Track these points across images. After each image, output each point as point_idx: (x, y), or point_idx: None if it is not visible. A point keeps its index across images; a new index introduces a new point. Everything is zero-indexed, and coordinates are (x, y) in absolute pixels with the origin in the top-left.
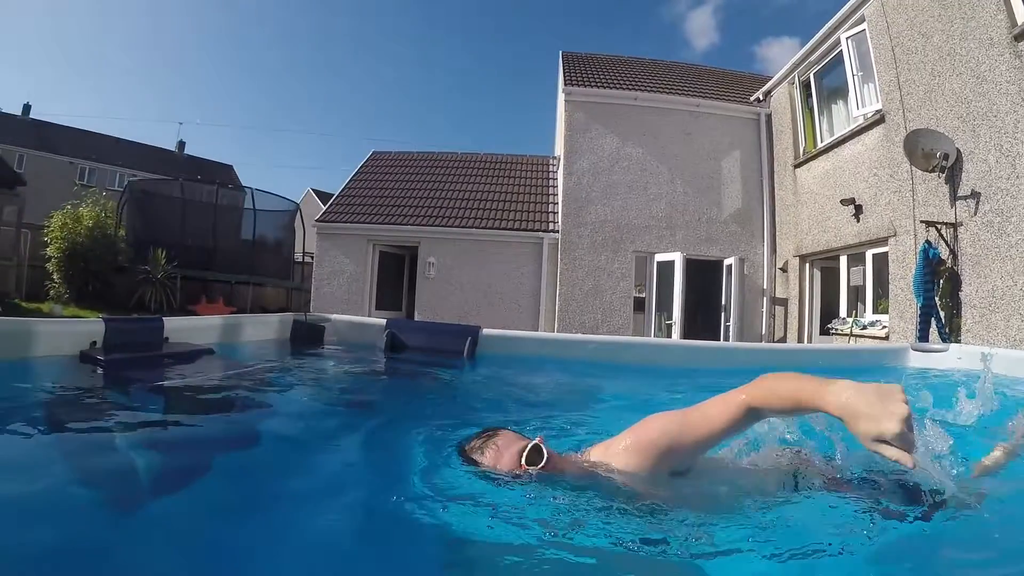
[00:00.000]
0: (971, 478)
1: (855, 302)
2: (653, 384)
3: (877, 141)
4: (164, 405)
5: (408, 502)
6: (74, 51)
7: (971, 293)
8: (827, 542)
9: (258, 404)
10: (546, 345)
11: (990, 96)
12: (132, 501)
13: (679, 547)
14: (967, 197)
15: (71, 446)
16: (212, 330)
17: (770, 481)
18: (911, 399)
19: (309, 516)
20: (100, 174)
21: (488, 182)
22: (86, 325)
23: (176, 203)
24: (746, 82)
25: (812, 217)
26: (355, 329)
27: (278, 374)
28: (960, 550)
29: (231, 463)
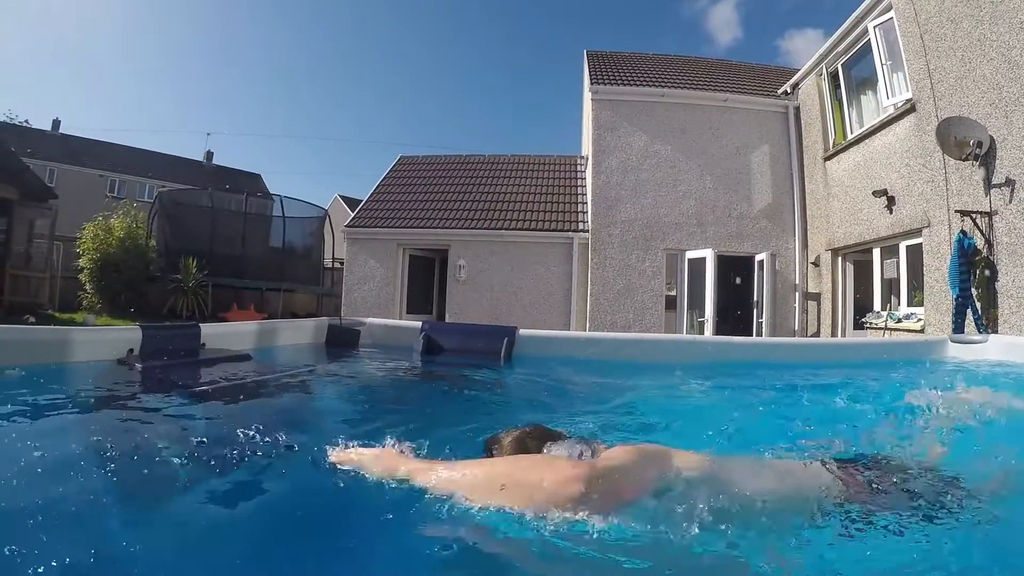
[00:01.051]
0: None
1: (889, 295)
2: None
3: (908, 131)
4: (201, 410)
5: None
6: (101, 65)
7: (1007, 283)
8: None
9: (298, 407)
10: (591, 345)
11: (1023, 81)
12: (170, 507)
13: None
14: (1002, 185)
15: (105, 452)
16: (248, 335)
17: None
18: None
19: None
20: (130, 186)
21: (516, 183)
22: (123, 333)
23: (205, 212)
24: (773, 75)
25: (844, 210)
26: (390, 332)
27: (316, 377)
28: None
29: (270, 466)
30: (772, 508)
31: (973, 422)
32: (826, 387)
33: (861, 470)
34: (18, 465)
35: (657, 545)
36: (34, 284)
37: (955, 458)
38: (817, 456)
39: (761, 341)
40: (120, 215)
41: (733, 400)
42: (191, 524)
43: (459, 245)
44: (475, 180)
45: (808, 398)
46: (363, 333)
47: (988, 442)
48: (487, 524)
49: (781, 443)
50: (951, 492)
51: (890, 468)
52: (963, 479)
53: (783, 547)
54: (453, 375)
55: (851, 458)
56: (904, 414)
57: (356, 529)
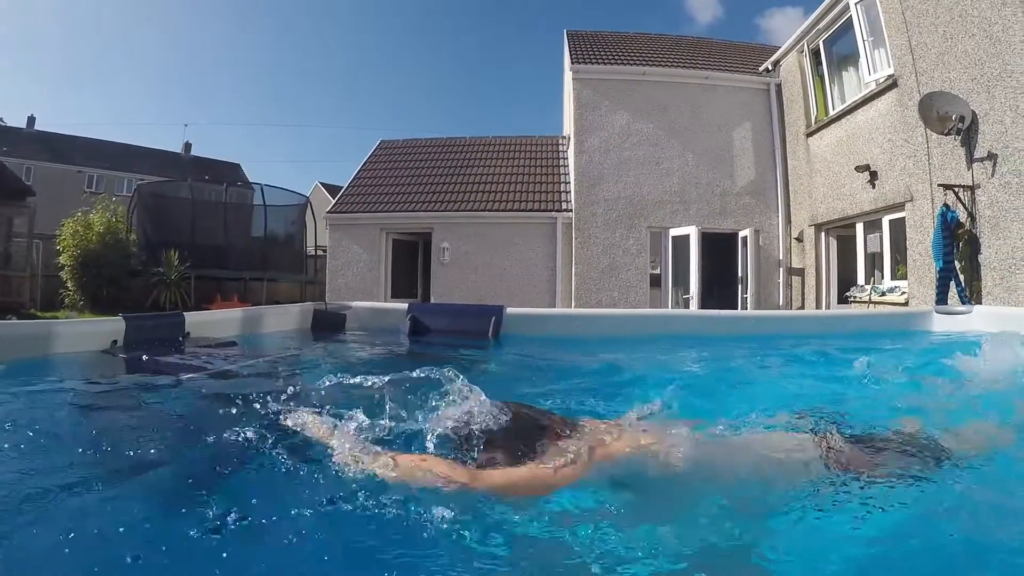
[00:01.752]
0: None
1: (872, 269)
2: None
3: (890, 106)
4: (186, 398)
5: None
6: (74, 60)
7: (991, 255)
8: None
9: (286, 390)
10: (572, 322)
11: (1004, 56)
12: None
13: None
14: (984, 159)
15: (91, 444)
16: (233, 323)
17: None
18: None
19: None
20: (108, 181)
21: (498, 165)
22: (106, 324)
23: (185, 204)
24: (754, 53)
25: (826, 185)
26: (376, 315)
27: (302, 361)
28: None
29: (261, 449)
30: (759, 481)
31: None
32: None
33: (848, 440)
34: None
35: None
36: (15, 284)
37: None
38: (804, 427)
39: (746, 314)
40: (99, 210)
41: (721, 371)
42: (185, 515)
43: (442, 228)
44: (457, 162)
45: (797, 370)
46: (349, 317)
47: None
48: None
49: (766, 413)
50: (941, 455)
51: (876, 436)
52: (950, 442)
53: (774, 521)
54: (442, 355)
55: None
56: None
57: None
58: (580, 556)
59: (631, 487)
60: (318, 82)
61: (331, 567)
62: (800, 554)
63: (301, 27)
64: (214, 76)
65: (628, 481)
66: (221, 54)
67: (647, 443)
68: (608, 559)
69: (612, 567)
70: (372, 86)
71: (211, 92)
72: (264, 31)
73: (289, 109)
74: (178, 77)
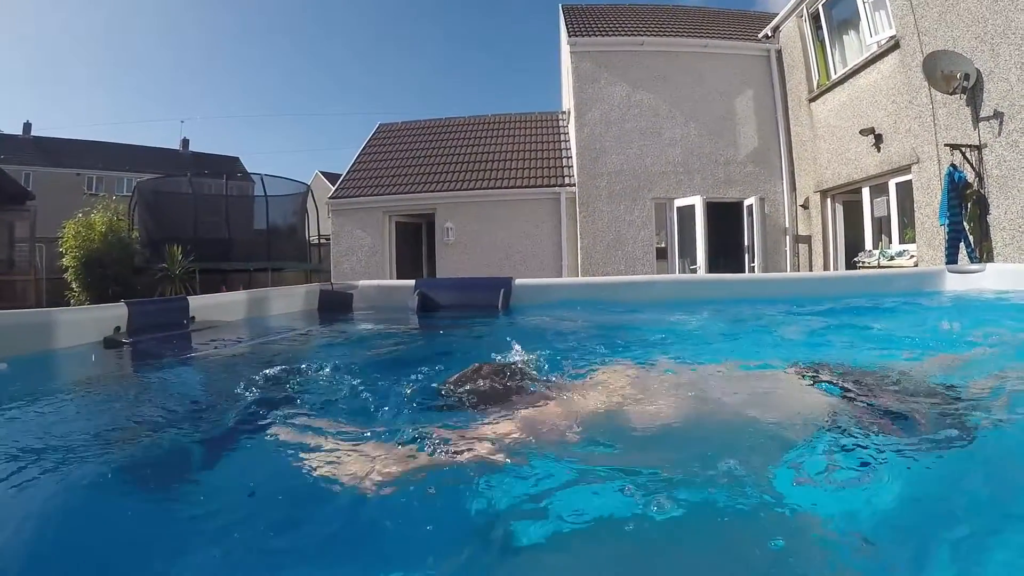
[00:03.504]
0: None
1: (880, 234)
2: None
3: (893, 68)
4: (194, 380)
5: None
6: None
7: (1000, 215)
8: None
9: (292, 370)
10: (583, 290)
11: (1007, 13)
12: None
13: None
14: (990, 118)
15: (102, 435)
16: (238, 305)
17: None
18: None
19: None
20: (108, 182)
21: (498, 142)
22: (109, 310)
23: (186, 199)
24: (753, 20)
25: (831, 151)
26: (383, 293)
27: (309, 341)
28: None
29: (270, 427)
30: (759, 425)
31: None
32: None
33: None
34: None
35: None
36: (19, 288)
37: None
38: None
39: (758, 277)
40: (100, 210)
41: (733, 330)
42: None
43: (446, 208)
44: (457, 142)
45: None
46: (356, 296)
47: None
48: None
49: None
50: (948, 407)
51: (883, 385)
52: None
53: (769, 466)
54: (453, 326)
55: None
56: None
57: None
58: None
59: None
60: (312, 68)
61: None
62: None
63: (295, 13)
64: (208, 70)
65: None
66: (214, 46)
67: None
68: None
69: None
70: (368, 71)
71: (206, 86)
72: (257, 19)
73: (286, 98)
74: (172, 73)
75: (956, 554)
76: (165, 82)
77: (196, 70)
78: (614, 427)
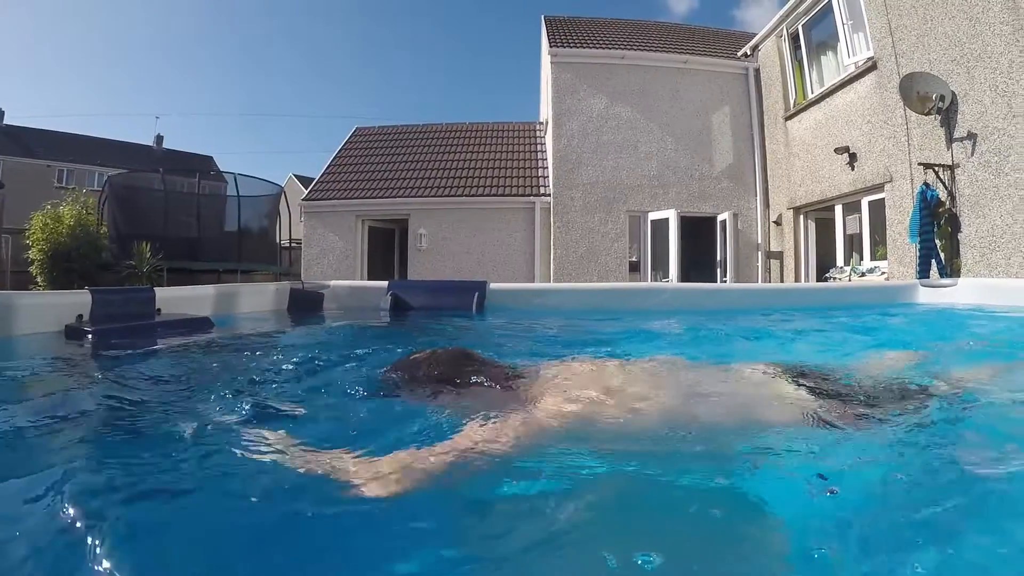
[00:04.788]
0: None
1: (851, 251)
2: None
3: (870, 88)
4: (157, 374)
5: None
6: (44, 52)
7: (970, 234)
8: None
9: (262, 366)
10: (556, 295)
11: (984, 37)
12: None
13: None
14: (963, 139)
15: (55, 427)
16: (206, 300)
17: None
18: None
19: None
20: (79, 175)
21: (475, 151)
22: (72, 296)
23: (158, 195)
24: (732, 38)
25: (805, 168)
26: (355, 293)
27: (278, 338)
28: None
29: (237, 424)
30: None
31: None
32: None
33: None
34: None
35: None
36: None
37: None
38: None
39: (731, 287)
40: (69, 203)
41: (710, 337)
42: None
43: (419, 214)
44: (433, 149)
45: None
46: (327, 296)
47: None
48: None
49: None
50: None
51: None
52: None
53: (729, 454)
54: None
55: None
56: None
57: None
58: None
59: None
60: (293, 71)
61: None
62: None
63: (277, 15)
64: (186, 67)
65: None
66: (194, 42)
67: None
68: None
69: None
70: (346, 78)
71: (183, 83)
72: (239, 19)
73: (263, 99)
74: (149, 68)
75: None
76: (142, 77)
77: (174, 66)
78: (575, 418)
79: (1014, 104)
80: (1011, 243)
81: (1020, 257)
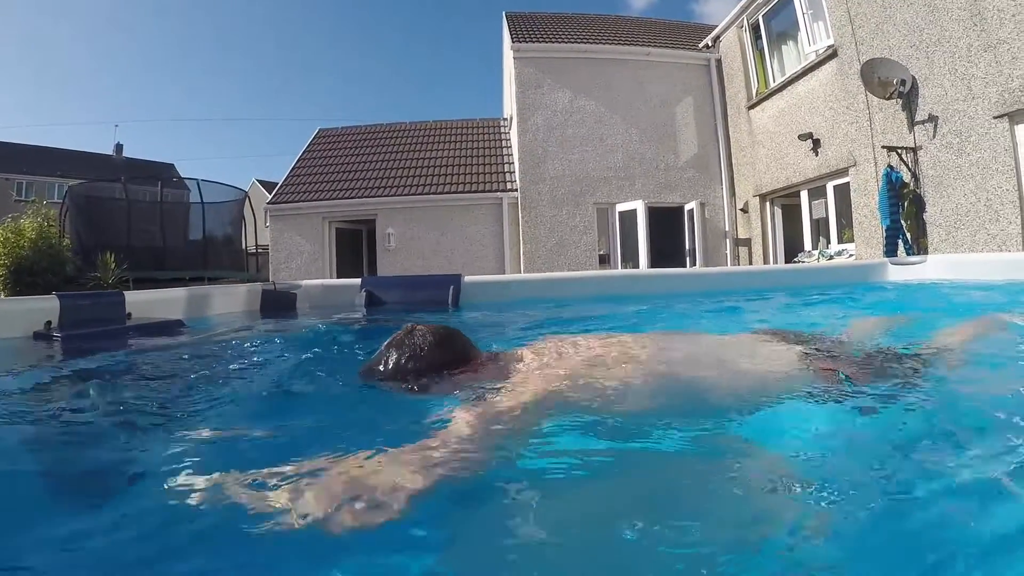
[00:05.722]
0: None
1: (818, 235)
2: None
3: (831, 75)
4: (130, 378)
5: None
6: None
7: (935, 213)
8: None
9: (240, 366)
10: (531, 286)
11: (942, 23)
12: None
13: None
14: (925, 121)
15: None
16: (177, 303)
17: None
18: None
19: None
20: (38, 187)
21: (440, 148)
22: (40, 302)
23: (120, 205)
24: (693, 31)
25: (769, 156)
26: (329, 292)
27: (252, 338)
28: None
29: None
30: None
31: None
32: None
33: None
34: None
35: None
36: None
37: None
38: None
39: (704, 271)
40: (30, 215)
41: (688, 316)
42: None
43: (387, 213)
44: (398, 148)
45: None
46: (300, 296)
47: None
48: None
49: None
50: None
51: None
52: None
53: (730, 413)
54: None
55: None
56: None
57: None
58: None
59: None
60: (249, 74)
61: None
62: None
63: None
64: (142, 74)
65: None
66: (148, 49)
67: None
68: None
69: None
70: (305, 78)
71: (140, 91)
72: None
73: (222, 104)
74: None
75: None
76: (98, 85)
77: (130, 74)
78: (567, 391)
79: (973, 86)
80: (975, 221)
81: (984, 235)
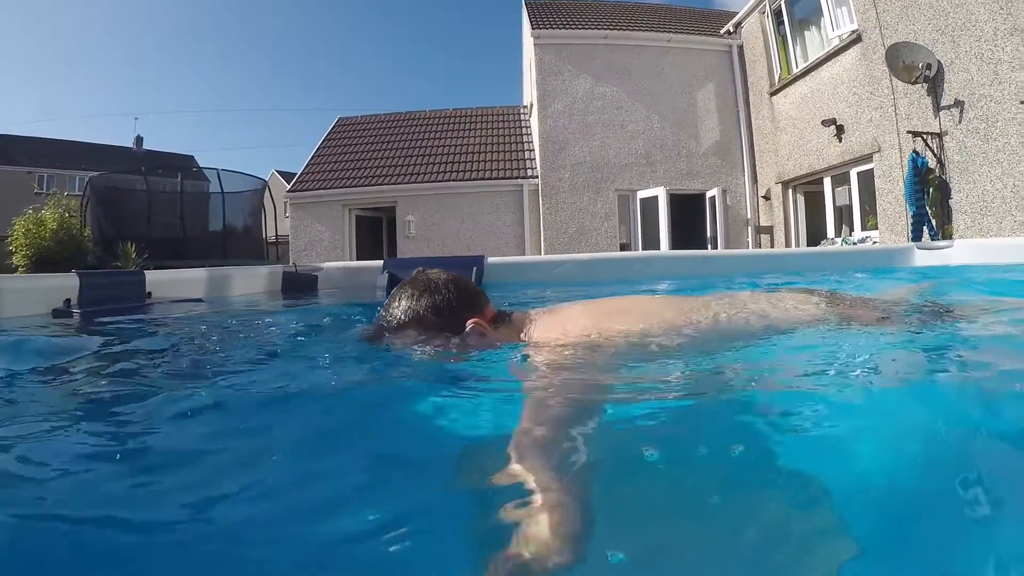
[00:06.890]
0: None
1: (841, 222)
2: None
3: (855, 60)
4: (153, 353)
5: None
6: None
7: (961, 200)
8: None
9: (263, 344)
10: (555, 268)
11: (968, 6)
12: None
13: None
14: (951, 107)
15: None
16: (198, 283)
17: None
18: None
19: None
20: (59, 180)
21: (460, 136)
22: (59, 279)
23: (140, 195)
24: (714, 17)
25: (792, 142)
26: (350, 275)
27: (274, 316)
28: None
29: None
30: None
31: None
32: None
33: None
34: None
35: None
36: None
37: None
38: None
39: (727, 253)
40: (51, 206)
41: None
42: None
43: (407, 201)
44: (418, 136)
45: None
46: (321, 278)
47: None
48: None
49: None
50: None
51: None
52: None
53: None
54: None
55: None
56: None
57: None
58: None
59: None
60: (270, 66)
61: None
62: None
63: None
64: (165, 67)
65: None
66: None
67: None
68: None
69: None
70: (327, 68)
71: (160, 83)
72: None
73: (243, 95)
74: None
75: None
76: (119, 78)
77: (151, 67)
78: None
79: (1000, 71)
80: (1002, 207)
81: (1011, 221)
